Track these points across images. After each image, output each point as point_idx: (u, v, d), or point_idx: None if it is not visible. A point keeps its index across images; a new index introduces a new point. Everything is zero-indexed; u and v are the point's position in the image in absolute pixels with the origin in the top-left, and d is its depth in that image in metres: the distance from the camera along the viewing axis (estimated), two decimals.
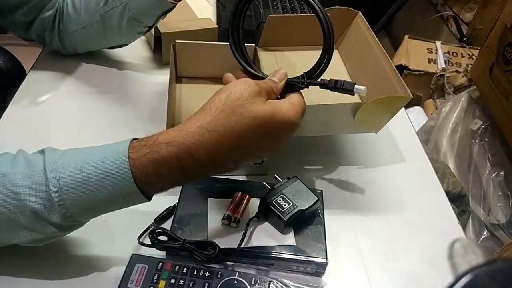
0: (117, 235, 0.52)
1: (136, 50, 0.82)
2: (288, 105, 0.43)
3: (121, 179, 0.39)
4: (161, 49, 0.77)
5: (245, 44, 0.71)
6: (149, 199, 0.42)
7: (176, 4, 0.64)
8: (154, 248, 0.49)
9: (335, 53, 0.73)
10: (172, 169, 0.39)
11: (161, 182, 0.41)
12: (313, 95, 0.66)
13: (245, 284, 0.46)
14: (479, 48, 1.36)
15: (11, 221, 0.40)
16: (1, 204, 0.39)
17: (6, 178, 0.40)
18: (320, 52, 0.50)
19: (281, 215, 0.49)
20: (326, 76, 0.72)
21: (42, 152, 0.42)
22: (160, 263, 0.47)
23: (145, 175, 0.39)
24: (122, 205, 0.42)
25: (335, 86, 0.47)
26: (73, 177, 0.39)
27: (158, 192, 0.43)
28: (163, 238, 0.49)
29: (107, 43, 0.74)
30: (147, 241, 0.49)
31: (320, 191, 0.56)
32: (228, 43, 0.55)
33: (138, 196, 0.40)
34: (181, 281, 0.46)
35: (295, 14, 0.94)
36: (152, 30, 0.78)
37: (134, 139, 0.42)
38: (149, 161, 0.39)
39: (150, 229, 0.51)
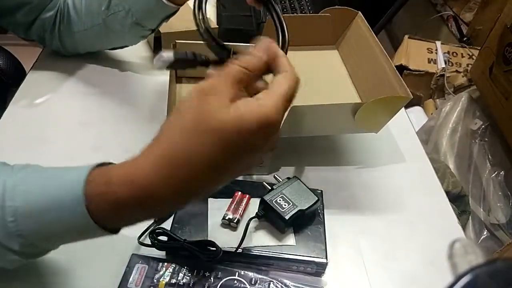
0: (117, 235, 0.52)
1: (136, 50, 0.81)
2: (260, 106, 0.33)
3: (78, 216, 0.35)
4: (161, 49, 0.77)
5: (245, 44, 0.71)
6: (115, 232, 0.38)
7: (179, 7, 0.64)
8: (154, 248, 0.49)
9: (335, 53, 0.73)
10: (132, 209, 0.35)
11: (123, 221, 0.37)
12: (313, 95, 0.66)
13: (245, 284, 0.46)
14: (479, 48, 1.36)
15: None
16: None
17: None
18: (320, 51, 0.50)
19: (281, 215, 0.49)
20: (326, 74, 0.72)
21: (8, 169, 0.39)
22: (160, 263, 0.47)
23: (103, 215, 0.35)
24: (86, 238, 0.38)
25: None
26: (31, 207, 0.36)
27: (125, 226, 0.38)
28: (163, 238, 0.49)
29: (108, 45, 0.74)
30: (147, 241, 0.49)
31: (320, 191, 0.56)
32: (228, 43, 0.54)
33: (101, 232, 0.36)
34: (181, 281, 0.46)
35: (295, 14, 0.94)
36: None
37: (98, 165, 0.37)
38: (105, 202, 0.34)
39: (150, 229, 0.51)
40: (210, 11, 0.95)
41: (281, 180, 0.54)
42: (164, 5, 0.61)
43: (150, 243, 0.48)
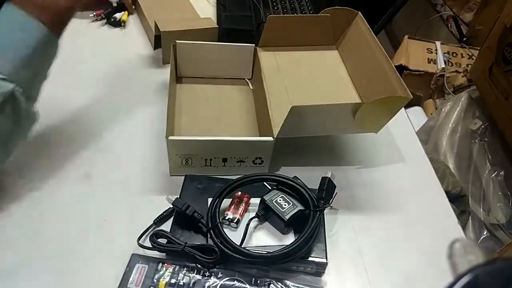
0: (117, 235, 0.52)
1: (136, 49, 0.82)
2: None
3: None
4: (161, 48, 0.77)
5: (245, 44, 0.71)
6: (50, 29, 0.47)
7: None
8: None
9: (335, 53, 0.73)
10: None
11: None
12: (313, 95, 0.66)
13: (245, 284, 0.46)
14: (478, 48, 1.36)
15: None
16: None
17: None
18: (320, 52, 0.50)
19: (281, 215, 0.49)
20: (326, 74, 0.72)
21: None
22: (160, 263, 0.47)
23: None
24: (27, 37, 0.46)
25: None
26: None
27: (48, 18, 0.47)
28: (163, 239, 0.49)
29: None
30: (147, 241, 0.49)
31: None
32: (228, 43, 0.55)
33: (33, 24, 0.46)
34: (181, 281, 0.46)
35: (295, 14, 0.94)
36: (153, 29, 0.78)
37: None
38: None
39: (150, 232, 0.51)
40: (210, 11, 0.95)
41: None
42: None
43: (150, 246, 0.48)
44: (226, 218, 0.51)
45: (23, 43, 0.46)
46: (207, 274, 0.47)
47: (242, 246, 0.48)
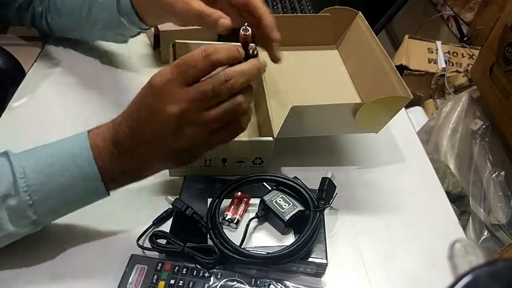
0: (116, 236, 0.52)
1: (136, 48, 0.81)
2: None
3: (84, 161, 0.42)
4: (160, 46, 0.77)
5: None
6: (107, 191, 0.45)
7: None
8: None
9: (335, 53, 0.73)
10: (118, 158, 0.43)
11: (116, 169, 0.44)
12: (313, 95, 0.66)
13: (245, 285, 0.46)
14: (479, 48, 1.36)
15: None
16: None
17: None
18: (321, 51, 0.49)
19: (281, 216, 0.49)
20: (326, 74, 0.72)
21: (4, 153, 0.45)
22: (160, 264, 0.47)
23: (102, 163, 0.43)
24: (83, 193, 0.44)
25: None
26: (38, 163, 0.43)
27: (117, 185, 0.46)
28: (163, 240, 0.49)
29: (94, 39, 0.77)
30: (146, 242, 0.49)
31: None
32: (228, 43, 0.54)
33: (98, 184, 0.43)
34: (181, 282, 0.46)
35: (295, 14, 0.94)
36: (152, 28, 0.78)
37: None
38: (104, 151, 0.43)
39: (150, 232, 0.51)
40: None
41: None
42: (127, 27, 0.65)
43: (149, 246, 0.48)
44: (226, 218, 0.50)
45: (70, 190, 0.43)
46: (206, 274, 0.47)
47: (242, 247, 0.48)
